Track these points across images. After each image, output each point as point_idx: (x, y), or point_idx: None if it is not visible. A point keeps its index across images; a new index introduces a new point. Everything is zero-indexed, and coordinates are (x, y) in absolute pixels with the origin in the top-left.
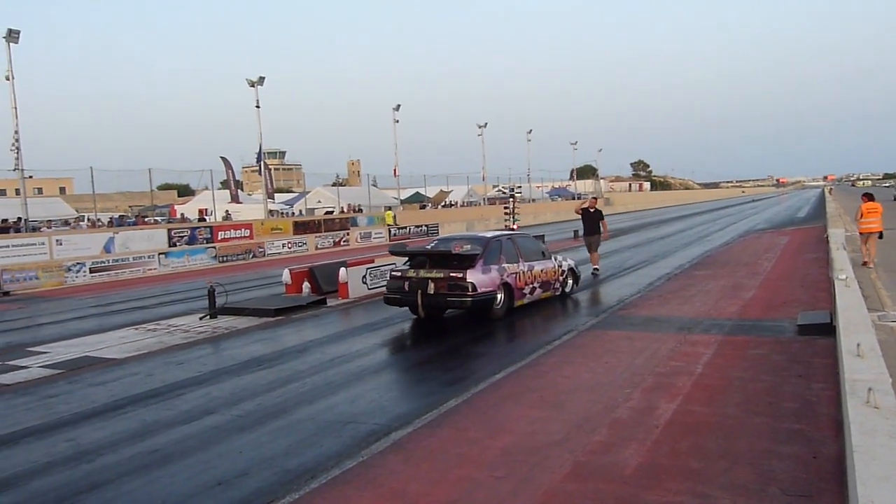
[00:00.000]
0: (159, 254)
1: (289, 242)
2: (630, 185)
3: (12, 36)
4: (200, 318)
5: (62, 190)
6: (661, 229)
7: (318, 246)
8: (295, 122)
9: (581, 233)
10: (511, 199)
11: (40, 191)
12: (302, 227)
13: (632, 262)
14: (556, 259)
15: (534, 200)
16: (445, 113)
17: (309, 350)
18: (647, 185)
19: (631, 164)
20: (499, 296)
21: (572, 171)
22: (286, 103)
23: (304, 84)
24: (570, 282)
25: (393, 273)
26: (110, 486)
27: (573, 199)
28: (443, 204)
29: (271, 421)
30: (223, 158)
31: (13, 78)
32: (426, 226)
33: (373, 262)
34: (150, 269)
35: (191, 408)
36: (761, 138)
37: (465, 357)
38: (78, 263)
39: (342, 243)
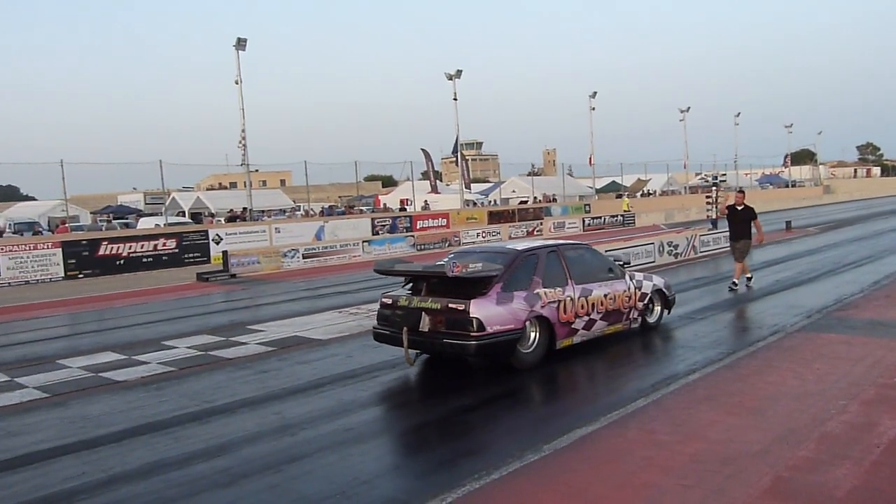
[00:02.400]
0: (363, 241)
1: (483, 232)
2: (855, 170)
3: (240, 44)
4: None
5: (282, 182)
6: (892, 220)
7: (512, 235)
8: (491, 113)
9: (728, 237)
10: (714, 188)
11: (264, 183)
12: (496, 217)
13: (854, 258)
14: (632, 279)
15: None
16: (644, 98)
17: None
18: (876, 170)
19: (857, 147)
20: (532, 334)
21: (786, 157)
22: (483, 94)
23: (500, 75)
24: (658, 309)
25: (383, 299)
26: (309, 458)
27: (786, 186)
28: (640, 193)
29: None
30: (423, 150)
31: (241, 82)
32: (621, 215)
33: None
34: (355, 256)
35: (384, 390)
36: None
37: (662, 353)
38: (293, 250)
39: (536, 233)
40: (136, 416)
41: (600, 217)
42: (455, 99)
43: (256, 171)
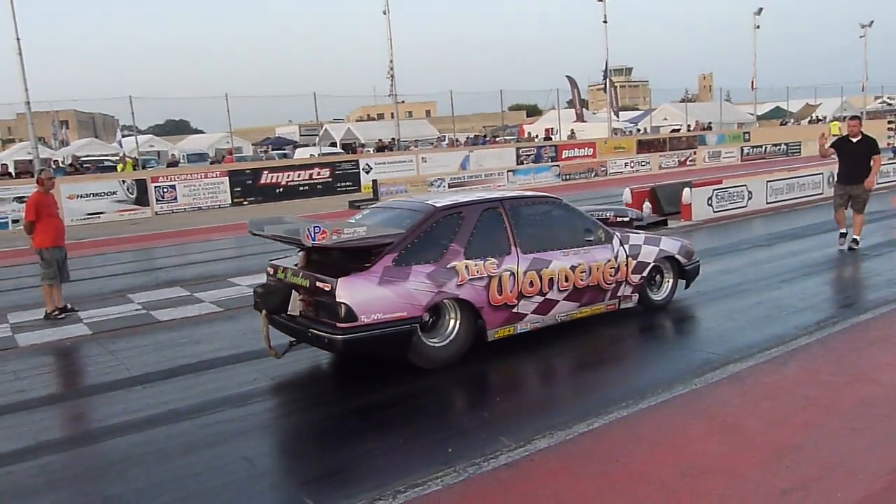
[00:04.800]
0: (507, 171)
1: (631, 161)
2: None
3: None
4: None
5: (427, 113)
6: None
7: (662, 165)
8: (642, 37)
9: (834, 179)
10: None
11: (410, 114)
12: (645, 146)
13: None
14: (625, 244)
15: None
16: (817, 13)
17: None
18: None
19: None
20: (450, 322)
21: None
22: (633, 16)
23: None
24: (669, 282)
25: (268, 266)
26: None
27: None
28: (809, 119)
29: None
30: (569, 77)
31: (389, 12)
32: (785, 144)
33: (720, 182)
34: (499, 186)
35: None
36: None
37: (827, 291)
38: (439, 179)
39: (688, 163)
40: None
41: (761, 146)
42: (605, 22)
43: (403, 102)
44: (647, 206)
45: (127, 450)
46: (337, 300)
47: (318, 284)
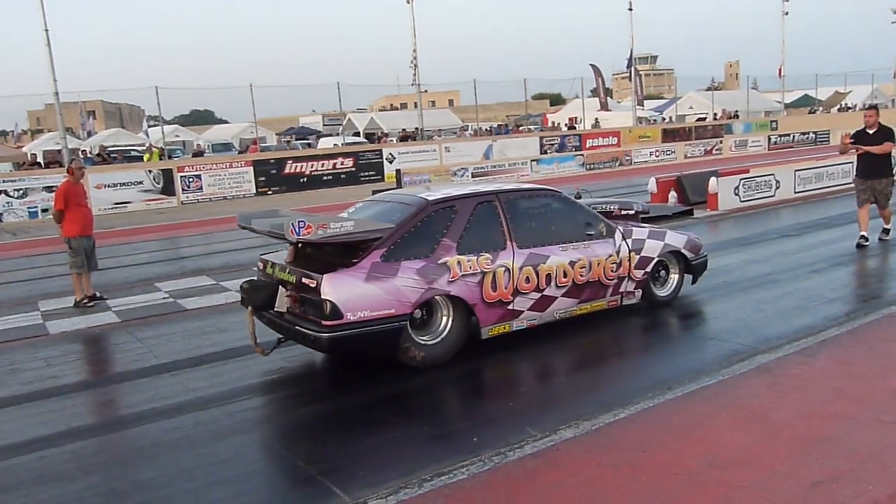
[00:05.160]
0: (531, 160)
1: (656, 151)
2: None
3: None
4: None
5: (451, 102)
6: None
7: (688, 154)
8: (669, 24)
9: (854, 173)
10: None
11: (433, 103)
12: (671, 135)
13: None
14: (627, 238)
15: None
16: None
17: None
18: None
19: None
20: (442, 318)
21: None
22: (658, 3)
23: None
24: (674, 277)
25: (259, 262)
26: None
27: None
28: (838, 107)
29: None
30: (593, 66)
31: (412, 1)
32: (814, 133)
33: (747, 171)
34: (523, 175)
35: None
36: None
37: (858, 282)
38: (462, 168)
39: (714, 152)
40: None
41: (789, 134)
42: (630, 9)
43: (426, 91)
44: (672, 195)
45: (157, 436)
46: (322, 297)
47: (304, 280)
